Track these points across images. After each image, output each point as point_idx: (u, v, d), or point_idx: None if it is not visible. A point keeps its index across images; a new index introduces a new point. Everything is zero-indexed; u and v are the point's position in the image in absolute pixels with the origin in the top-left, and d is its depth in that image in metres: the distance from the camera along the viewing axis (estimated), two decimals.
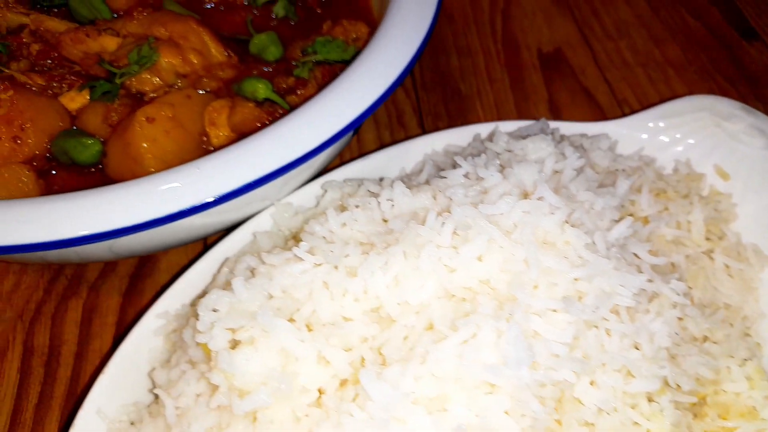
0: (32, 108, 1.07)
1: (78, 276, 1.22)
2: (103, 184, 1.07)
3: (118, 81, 1.11)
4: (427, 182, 1.02)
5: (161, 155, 1.02)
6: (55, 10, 1.32)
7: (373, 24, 1.33)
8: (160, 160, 1.02)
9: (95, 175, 1.10)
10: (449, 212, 0.87)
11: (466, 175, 0.97)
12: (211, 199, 0.85)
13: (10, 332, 1.16)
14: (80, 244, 0.82)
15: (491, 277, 0.81)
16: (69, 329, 1.16)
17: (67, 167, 1.10)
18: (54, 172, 1.08)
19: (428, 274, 0.81)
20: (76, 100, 1.15)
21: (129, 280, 1.22)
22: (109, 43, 1.16)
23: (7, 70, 1.13)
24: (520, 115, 1.51)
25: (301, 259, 0.86)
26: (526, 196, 0.91)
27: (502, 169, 0.94)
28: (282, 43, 1.25)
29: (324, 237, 0.91)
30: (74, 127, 1.13)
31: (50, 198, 0.86)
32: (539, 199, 0.86)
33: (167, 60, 1.12)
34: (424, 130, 1.48)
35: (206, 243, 1.25)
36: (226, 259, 0.98)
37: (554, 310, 0.77)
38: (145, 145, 1.02)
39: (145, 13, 1.17)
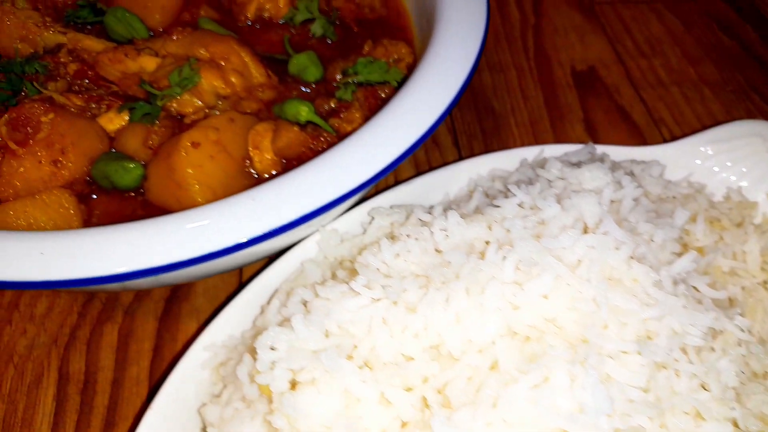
0: (73, 131, 1.05)
1: (112, 299, 1.20)
2: (144, 208, 1.06)
3: (159, 103, 1.09)
4: (479, 211, 1.00)
5: (206, 181, 1.00)
6: (89, 27, 1.30)
7: (411, 43, 1.31)
8: (205, 185, 1.00)
9: (136, 199, 1.07)
10: (510, 245, 0.85)
11: (520, 205, 0.94)
12: (269, 231, 0.83)
13: (45, 358, 1.13)
14: (133, 279, 0.79)
15: (558, 316, 0.78)
16: (105, 355, 1.14)
17: (107, 191, 1.07)
18: (95, 196, 1.06)
19: (492, 311, 0.79)
20: (114, 121, 1.12)
21: (164, 303, 1.20)
22: (148, 63, 1.14)
23: (45, 91, 1.10)
24: (556, 135, 1.49)
25: (357, 293, 0.84)
26: (586, 229, 0.88)
27: (559, 199, 0.92)
28: (321, 63, 1.23)
29: (378, 269, 0.89)
30: (112, 150, 1.11)
31: (100, 230, 0.84)
32: (604, 233, 0.83)
33: (209, 81, 1.10)
34: (459, 149, 1.46)
35: (241, 269, 1.23)
36: (276, 291, 0.96)
37: (625, 352, 0.75)
38: (190, 171, 0.99)
39: (184, 33, 1.15)
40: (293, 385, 0.77)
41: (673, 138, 1.47)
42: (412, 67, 1.22)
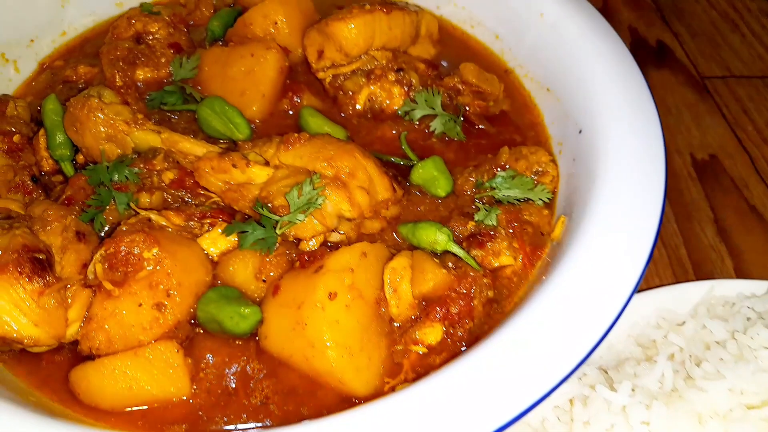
0: (179, 267, 0.88)
1: None
2: (260, 359, 0.90)
3: (279, 231, 0.92)
4: (663, 379, 0.84)
5: (342, 340, 0.83)
6: (175, 118, 1.13)
7: (546, 145, 1.15)
8: (342, 346, 0.83)
9: (248, 345, 0.90)
10: None
11: (731, 389, 0.78)
12: None
13: None
14: None
15: None
16: None
17: (212, 334, 0.91)
18: (211, 357, 0.89)
19: None
20: (218, 243, 0.96)
21: None
22: (259, 174, 0.97)
23: (142, 212, 0.93)
24: (686, 240, 1.33)
25: None
26: None
27: None
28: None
29: None
30: (218, 282, 0.94)
31: None
32: None
33: (334, 204, 0.93)
34: None
35: None
36: None
37: None
38: (326, 329, 0.82)
39: (301, 141, 0.97)
40: None
41: None
42: (556, 181, 1.06)
